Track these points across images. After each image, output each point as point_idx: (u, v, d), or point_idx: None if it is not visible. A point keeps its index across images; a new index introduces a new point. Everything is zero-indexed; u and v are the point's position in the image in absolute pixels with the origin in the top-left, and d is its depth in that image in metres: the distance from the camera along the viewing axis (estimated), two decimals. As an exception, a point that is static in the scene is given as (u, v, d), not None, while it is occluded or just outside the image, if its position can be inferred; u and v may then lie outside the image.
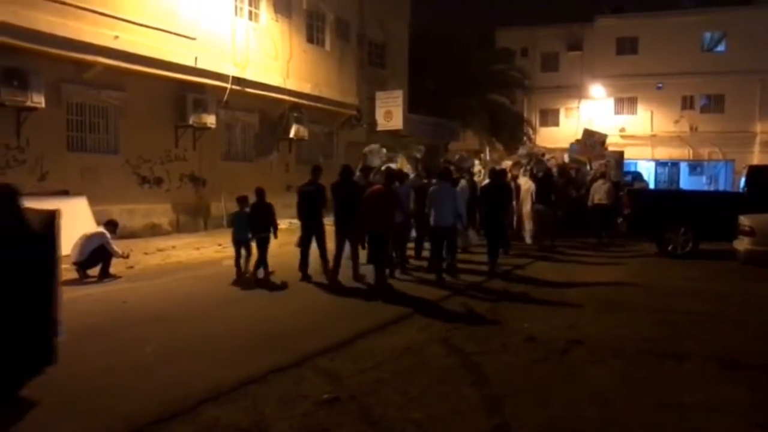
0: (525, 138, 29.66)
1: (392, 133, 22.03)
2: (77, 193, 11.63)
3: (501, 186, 11.03)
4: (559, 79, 35.56)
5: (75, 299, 7.72)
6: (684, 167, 34.67)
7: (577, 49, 35.71)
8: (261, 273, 9.52)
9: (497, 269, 10.39)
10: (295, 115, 17.79)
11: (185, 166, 14.76)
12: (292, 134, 17.69)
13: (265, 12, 16.66)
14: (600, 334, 6.61)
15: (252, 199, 9.63)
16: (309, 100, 18.24)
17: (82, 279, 9.12)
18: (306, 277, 9.41)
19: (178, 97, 14.29)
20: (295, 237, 9.89)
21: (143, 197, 13.65)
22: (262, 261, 9.48)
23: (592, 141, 18.93)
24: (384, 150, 15.23)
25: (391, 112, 21.60)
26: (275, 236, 9.62)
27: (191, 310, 7.71)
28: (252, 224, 9.37)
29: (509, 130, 28.34)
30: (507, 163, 15.63)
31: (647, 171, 32.85)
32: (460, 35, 27.21)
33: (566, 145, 33.06)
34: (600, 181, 14.63)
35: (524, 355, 5.95)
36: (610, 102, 34.99)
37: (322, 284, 9.25)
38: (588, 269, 11.13)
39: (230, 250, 12.35)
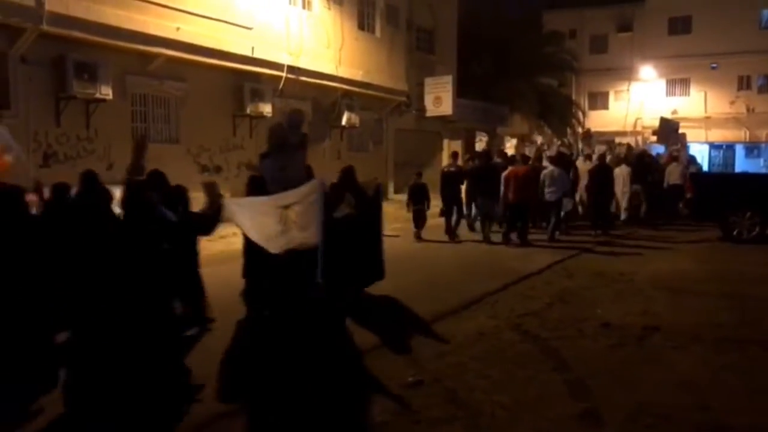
0: (574, 121, 29.14)
1: (441, 119, 21.99)
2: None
3: (605, 168, 13.50)
4: (608, 61, 34.71)
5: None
6: (740, 150, 33.56)
7: (627, 30, 34.75)
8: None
9: (598, 235, 12.80)
10: (347, 102, 17.88)
11: (243, 155, 14.99)
12: (344, 122, 17.80)
13: (318, 0, 16.75)
14: (675, 320, 6.57)
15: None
16: (360, 87, 18.30)
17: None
18: (452, 238, 12.11)
19: (236, 86, 14.52)
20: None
21: (204, 185, 13.95)
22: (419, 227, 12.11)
23: (670, 128, 19.78)
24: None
25: (440, 97, 21.50)
26: (428, 207, 12.17)
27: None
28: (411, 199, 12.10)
29: (558, 114, 27.87)
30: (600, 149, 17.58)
31: (701, 154, 31.87)
32: (508, 18, 26.83)
33: (617, 128, 32.71)
34: (673, 164, 15.98)
35: (601, 340, 5.96)
36: (662, 83, 34.04)
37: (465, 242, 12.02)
38: (654, 254, 11.05)
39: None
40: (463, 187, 12.58)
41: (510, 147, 21.06)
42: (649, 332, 6.16)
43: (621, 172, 14.62)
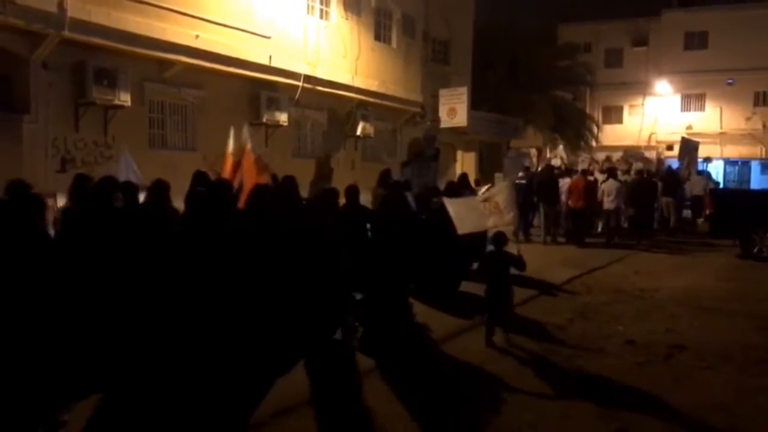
0: (589, 135, 28.96)
1: (455, 131, 21.89)
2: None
3: (648, 182, 14.89)
4: (623, 76, 34.55)
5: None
6: (755, 166, 33.22)
7: (642, 45, 34.60)
8: None
9: (644, 243, 13.90)
10: (362, 112, 17.83)
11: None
12: (359, 132, 17.74)
13: (335, 10, 16.73)
14: (701, 340, 6.43)
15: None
16: (376, 98, 18.24)
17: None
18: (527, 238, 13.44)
19: (253, 95, 14.50)
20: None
21: (219, 193, 13.90)
22: None
23: (690, 147, 20.15)
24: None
25: (455, 109, 21.38)
26: None
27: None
28: None
29: (572, 127, 27.71)
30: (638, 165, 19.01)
31: (715, 170, 31.59)
32: (523, 31, 26.77)
33: (631, 142, 32.52)
34: (698, 177, 17.57)
35: (627, 358, 5.83)
36: (677, 98, 33.83)
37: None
38: (675, 270, 10.89)
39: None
40: None
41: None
42: (676, 351, 6.03)
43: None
